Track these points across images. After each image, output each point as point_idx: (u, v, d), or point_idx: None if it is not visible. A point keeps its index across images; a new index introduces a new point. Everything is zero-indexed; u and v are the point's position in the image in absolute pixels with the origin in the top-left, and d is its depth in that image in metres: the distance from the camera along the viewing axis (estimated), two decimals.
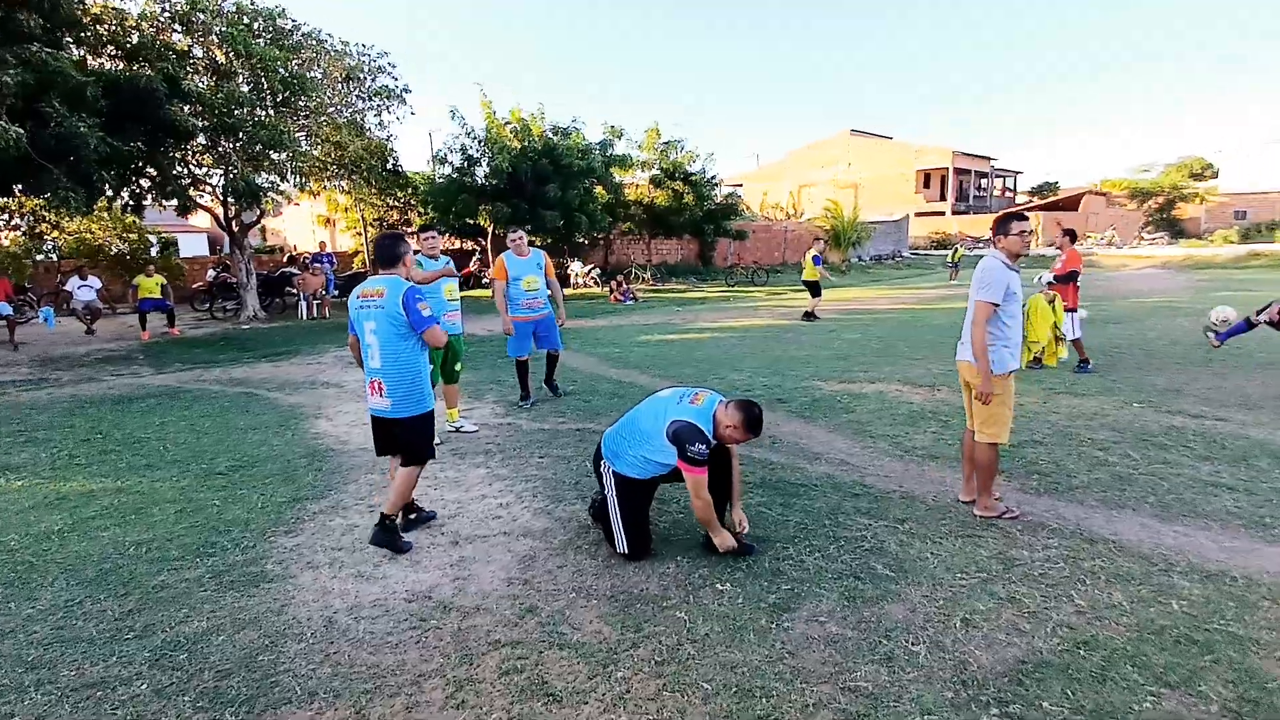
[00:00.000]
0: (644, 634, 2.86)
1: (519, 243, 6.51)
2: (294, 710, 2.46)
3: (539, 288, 6.52)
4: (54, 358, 11.03)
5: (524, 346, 6.64)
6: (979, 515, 3.92)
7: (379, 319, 3.65)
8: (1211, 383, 7.00)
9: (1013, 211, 3.94)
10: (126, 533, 4.01)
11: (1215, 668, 2.58)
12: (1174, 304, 14.33)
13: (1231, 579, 3.19)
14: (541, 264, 6.57)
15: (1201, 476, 4.44)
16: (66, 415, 7.02)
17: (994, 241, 3.92)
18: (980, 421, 3.85)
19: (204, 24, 12.49)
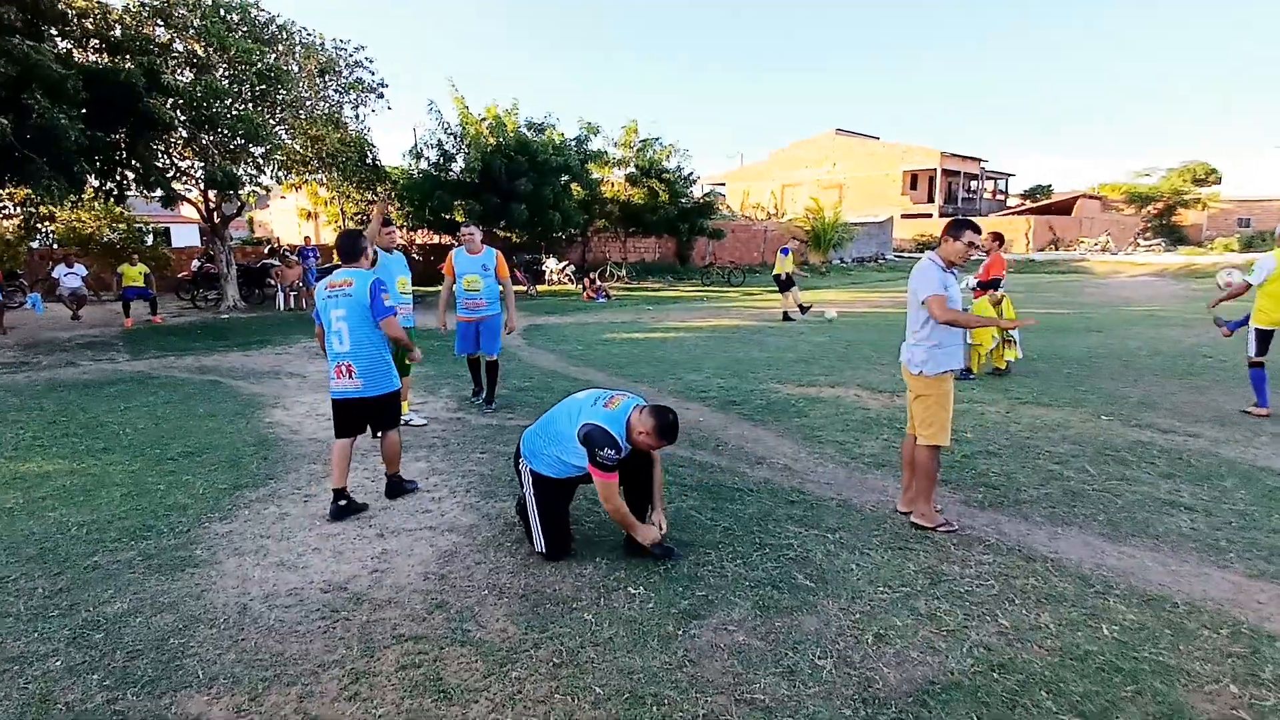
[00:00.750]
0: (548, 634, 2.84)
1: (470, 238, 6.23)
2: (192, 694, 2.50)
3: (480, 288, 6.18)
4: (38, 342, 10.98)
5: (467, 345, 6.44)
6: (916, 524, 3.80)
7: (348, 306, 3.97)
8: (1188, 396, 6.75)
9: (967, 219, 3.88)
10: (72, 514, 4.04)
11: (1136, 699, 2.43)
12: (1162, 313, 13.86)
13: (1172, 604, 3.02)
14: (490, 264, 6.23)
15: (1160, 495, 4.24)
16: (38, 398, 7.02)
17: (941, 243, 3.83)
18: (919, 423, 3.77)
19: (183, 18, 12.43)
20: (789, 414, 6.22)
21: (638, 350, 10.02)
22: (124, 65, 11.05)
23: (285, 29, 14.59)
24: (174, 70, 12.44)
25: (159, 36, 12.70)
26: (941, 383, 3.74)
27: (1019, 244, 40.95)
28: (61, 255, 15.35)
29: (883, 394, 6.96)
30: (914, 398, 3.85)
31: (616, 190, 23.74)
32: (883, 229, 37.11)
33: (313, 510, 4.14)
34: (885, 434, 5.59)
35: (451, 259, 6.25)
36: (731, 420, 6.04)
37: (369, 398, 4.05)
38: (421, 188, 18.71)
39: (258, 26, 13.87)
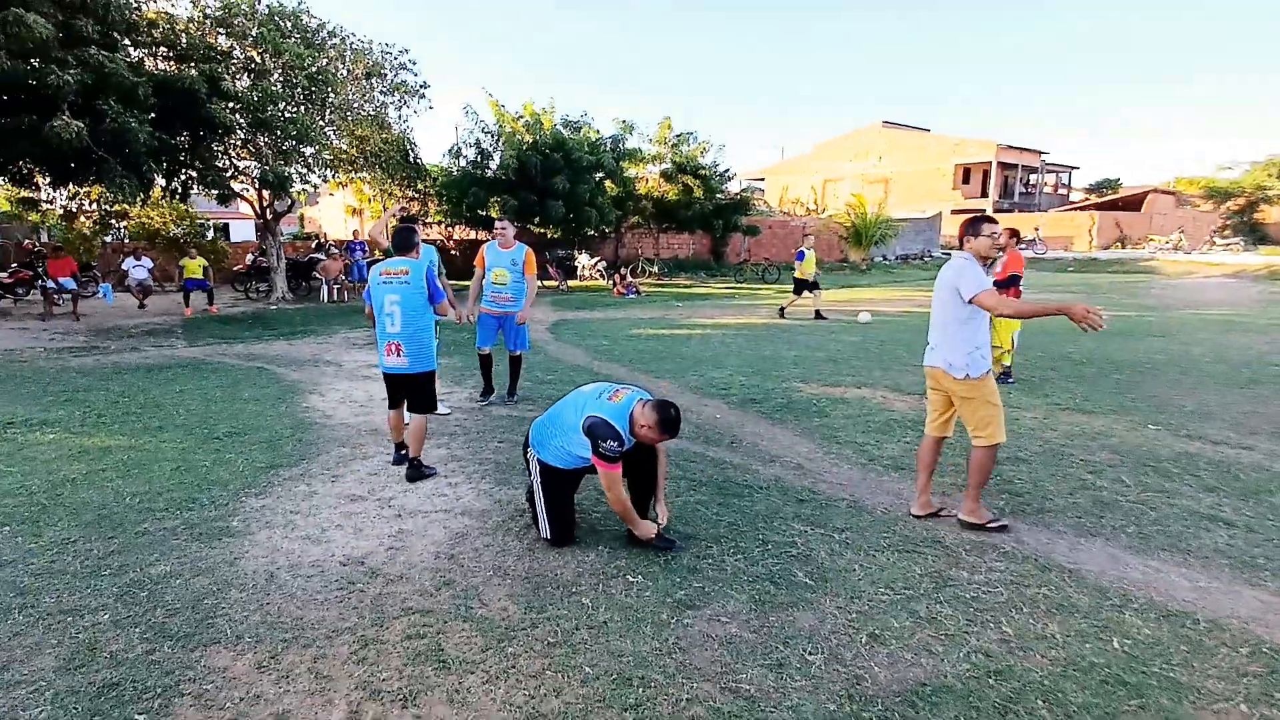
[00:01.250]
0: (545, 615, 2.93)
1: (503, 234, 6.23)
2: (220, 649, 2.73)
3: (507, 283, 6.18)
4: (106, 329, 11.62)
5: (486, 338, 6.40)
6: (965, 521, 3.73)
7: (403, 292, 4.39)
8: (1248, 407, 6.28)
9: (983, 215, 3.84)
10: (128, 485, 4.37)
11: (1139, 714, 2.34)
12: (1234, 318, 12.83)
13: (1193, 621, 2.88)
14: (520, 261, 6.20)
15: (1199, 509, 4.02)
16: (105, 380, 7.49)
17: (963, 242, 3.77)
18: (973, 426, 3.69)
19: (242, 26, 13.02)
20: (809, 414, 6.13)
21: (663, 346, 9.99)
22: (188, 72, 11.65)
23: (335, 34, 15.11)
24: (233, 76, 13.03)
25: (220, 44, 13.32)
26: (987, 382, 3.69)
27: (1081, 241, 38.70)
28: (131, 249, 16.19)
29: (910, 396, 6.74)
30: (960, 401, 3.75)
31: (651, 187, 23.50)
32: (930, 225, 34.92)
33: (339, 490, 4.39)
34: (908, 437, 5.43)
35: (483, 252, 6.30)
36: (749, 418, 6.01)
37: (412, 374, 4.49)
38: (460, 185, 19.00)
39: (308, 32, 14.37)
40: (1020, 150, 44.79)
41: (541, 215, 18.87)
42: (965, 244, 3.78)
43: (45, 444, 5.21)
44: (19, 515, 3.92)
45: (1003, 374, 7.36)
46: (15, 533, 3.71)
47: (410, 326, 4.42)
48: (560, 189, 18.29)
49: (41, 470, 4.63)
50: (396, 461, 4.77)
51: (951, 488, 4.41)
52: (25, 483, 4.40)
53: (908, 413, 6.19)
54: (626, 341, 10.52)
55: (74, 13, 9.99)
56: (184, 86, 11.13)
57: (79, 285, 13.44)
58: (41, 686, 2.50)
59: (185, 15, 13.12)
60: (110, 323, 12.35)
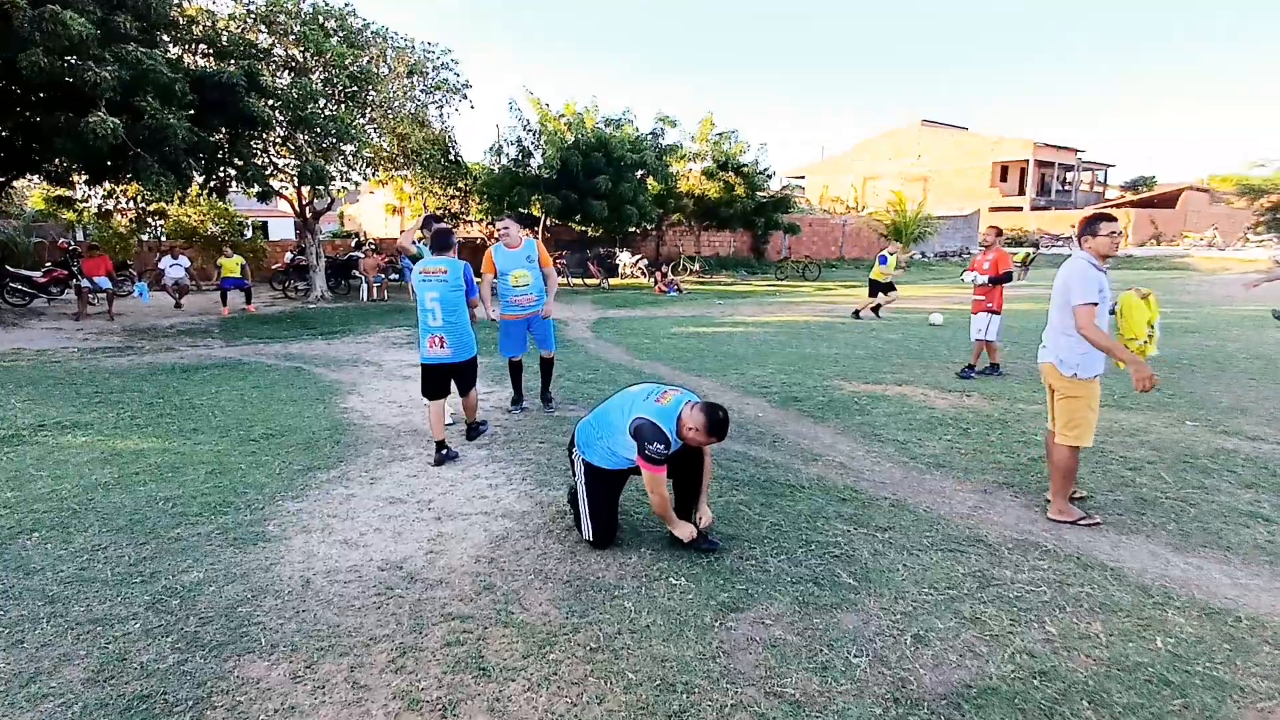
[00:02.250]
0: (588, 620, 2.89)
1: (507, 234, 5.91)
2: (254, 659, 2.64)
3: (530, 282, 5.86)
4: (142, 329, 11.82)
5: (516, 346, 6.07)
6: (1053, 519, 3.80)
7: (442, 290, 4.76)
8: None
9: (1101, 212, 3.84)
10: (161, 489, 4.33)
11: (1184, 713, 2.36)
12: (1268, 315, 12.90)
13: (1235, 619, 2.89)
14: (534, 255, 5.89)
15: (1239, 505, 4.04)
16: (139, 381, 7.54)
17: (1081, 242, 3.77)
18: (1062, 424, 3.77)
19: (284, 24, 13.15)
20: (850, 411, 6.11)
21: (704, 344, 9.98)
22: (227, 68, 11.76)
23: (379, 34, 15.25)
24: (273, 73, 13.18)
25: (261, 42, 13.48)
26: (1093, 385, 3.75)
27: None
28: (167, 247, 16.48)
29: (951, 394, 6.76)
30: (1061, 399, 3.80)
31: (692, 184, 23.70)
32: (969, 222, 35.36)
33: (377, 493, 4.30)
34: (949, 434, 5.44)
35: (490, 256, 5.92)
36: (790, 416, 5.98)
37: (456, 363, 4.89)
38: (501, 183, 19.15)
39: (353, 32, 14.55)
40: (1057, 148, 45.22)
41: (583, 214, 19.00)
42: (1084, 243, 3.76)
43: (77, 447, 5.21)
44: (48, 521, 3.90)
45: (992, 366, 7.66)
46: (45, 539, 3.68)
47: (450, 320, 4.79)
48: (602, 188, 18.41)
49: (73, 474, 4.62)
50: (437, 462, 4.80)
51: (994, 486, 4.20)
52: (56, 487, 4.38)
53: (949, 410, 6.17)
54: (667, 340, 10.48)
55: (113, 9, 10.14)
56: (222, 81, 11.23)
57: (114, 284, 13.64)
58: (70, 699, 2.44)
59: (226, 12, 13.28)
60: (146, 322, 12.56)
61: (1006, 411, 6.10)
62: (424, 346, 4.86)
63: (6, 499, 4.17)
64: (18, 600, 3.04)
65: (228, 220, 18.09)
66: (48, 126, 10.00)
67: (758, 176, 23.49)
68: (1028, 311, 13.26)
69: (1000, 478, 4.52)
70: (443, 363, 4.85)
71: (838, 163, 50.10)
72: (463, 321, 4.86)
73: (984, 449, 5.11)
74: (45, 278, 14.55)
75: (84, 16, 9.30)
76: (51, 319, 12.82)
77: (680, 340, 10.41)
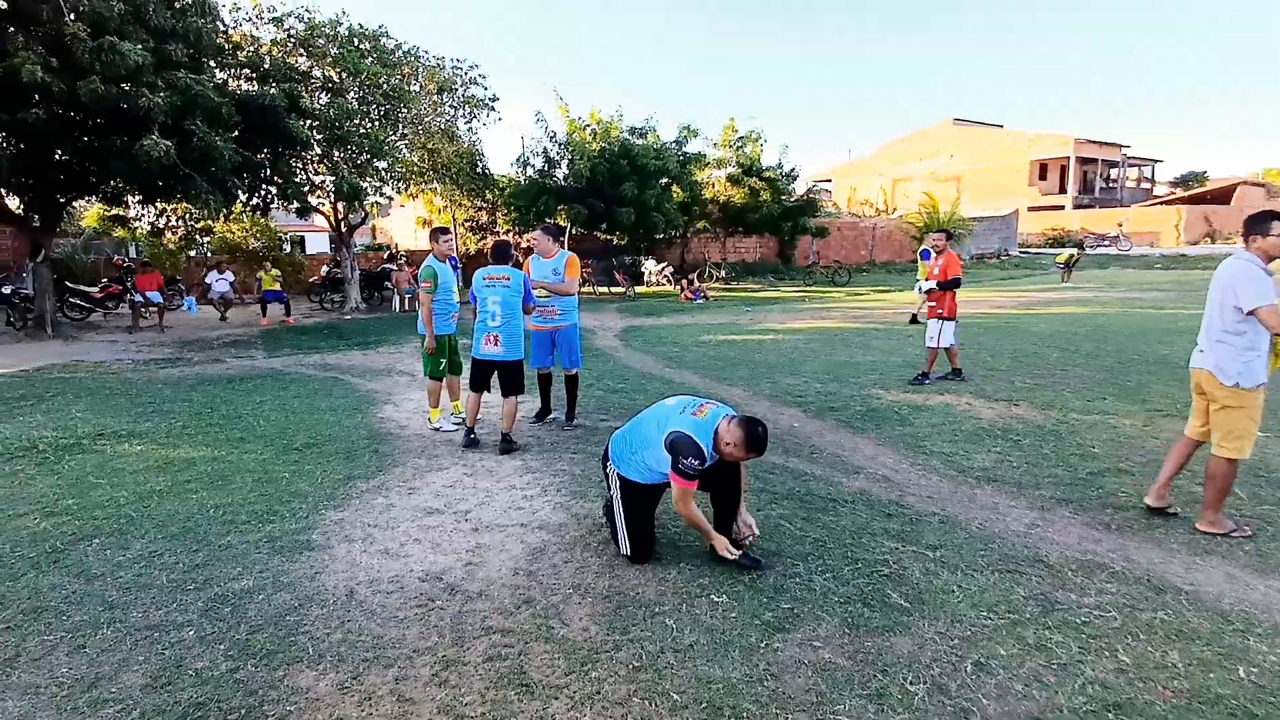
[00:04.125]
0: (629, 637, 2.83)
1: (538, 243, 5.88)
2: (303, 669, 2.68)
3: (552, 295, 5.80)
4: (190, 341, 12.14)
5: (541, 357, 5.99)
6: (1203, 531, 3.65)
7: (504, 294, 5.26)
8: None
9: (1271, 210, 3.65)
10: (211, 496, 4.42)
11: None
12: None
13: None
14: (560, 269, 5.77)
15: None
16: (188, 391, 7.74)
17: (1248, 241, 3.56)
18: (1221, 435, 3.61)
19: (322, 47, 13.53)
20: (891, 422, 5.93)
21: (734, 353, 9.85)
22: (269, 91, 12.13)
23: (411, 54, 15.60)
24: (312, 94, 13.54)
25: (301, 64, 13.88)
26: (1256, 395, 3.56)
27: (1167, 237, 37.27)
28: (214, 262, 16.98)
29: (998, 403, 6.48)
30: (1219, 408, 3.63)
31: (717, 191, 23.59)
32: (1006, 223, 34.39)
33: (415, 503, 4.35)
34: (998, 446, 5.20)
35: (528, 265, 5.93)
36: (828, 427, 5.84)
37: (507, 361, 5.31)
38: (528, 194, 19.31)
39: (386, 52, 14.90)
40: (1100, 144, 43.73)
41: (609, 222, 19.09)
42: (1250, 243, 3.55)
43: (133, 455, 5.36)
44: (107, 527, 4.01)
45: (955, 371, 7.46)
46: (105, 545, 3.78)
47: (509, 322, 5.26)
48: (628, 195, 18.44)
49: (129, 482, 4.75)
50: (467, 445, 5.38)
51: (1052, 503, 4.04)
52: (114, 494, 4.51)
53: (996, 421, 5.93)
54: (697, 348, 10.41)
55: (165, 38, 10.50)
56: (265, 104, 11.58)
57: (165, 298, 14.09)
58: (129, 705, 2.49)
59: (269, 37, 13.70)
60: (194, 335, 12.91)
61: (1059, 422, 5.86)
62: (479, 344, 5.33)
63: (68, 505, 4.30)
64: (79, 605, 3.13)
65: (268, 236, 18.58)
66: (104, 150, 10.38)
67: (782, 180, 23.23)
68: (1076, 316, 12.99)
69: (1058, 493, 4.30)
70: (494, 359, 5.29)
71: (865, 164, 49.17)
72: (518, 326, 5.31)
73: (1037, 462, 4.87)
74: (101, 293, 15.07)
75: (139, 46, 9.67)
76: (107, 332, 13.23)
77: (710, 349, 10.33)
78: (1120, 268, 27.14)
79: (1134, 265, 27.30)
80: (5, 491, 4.58)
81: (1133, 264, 27.66)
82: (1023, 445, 5.25)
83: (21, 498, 4.46)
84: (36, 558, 3.61)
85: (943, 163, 45.32)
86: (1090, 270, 25.79)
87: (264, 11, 14.01)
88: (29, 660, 2.75)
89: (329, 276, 17.70)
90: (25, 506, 4.31)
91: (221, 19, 12.64)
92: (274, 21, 14.04)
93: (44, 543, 3.78)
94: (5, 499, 4.44)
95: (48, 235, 12.61)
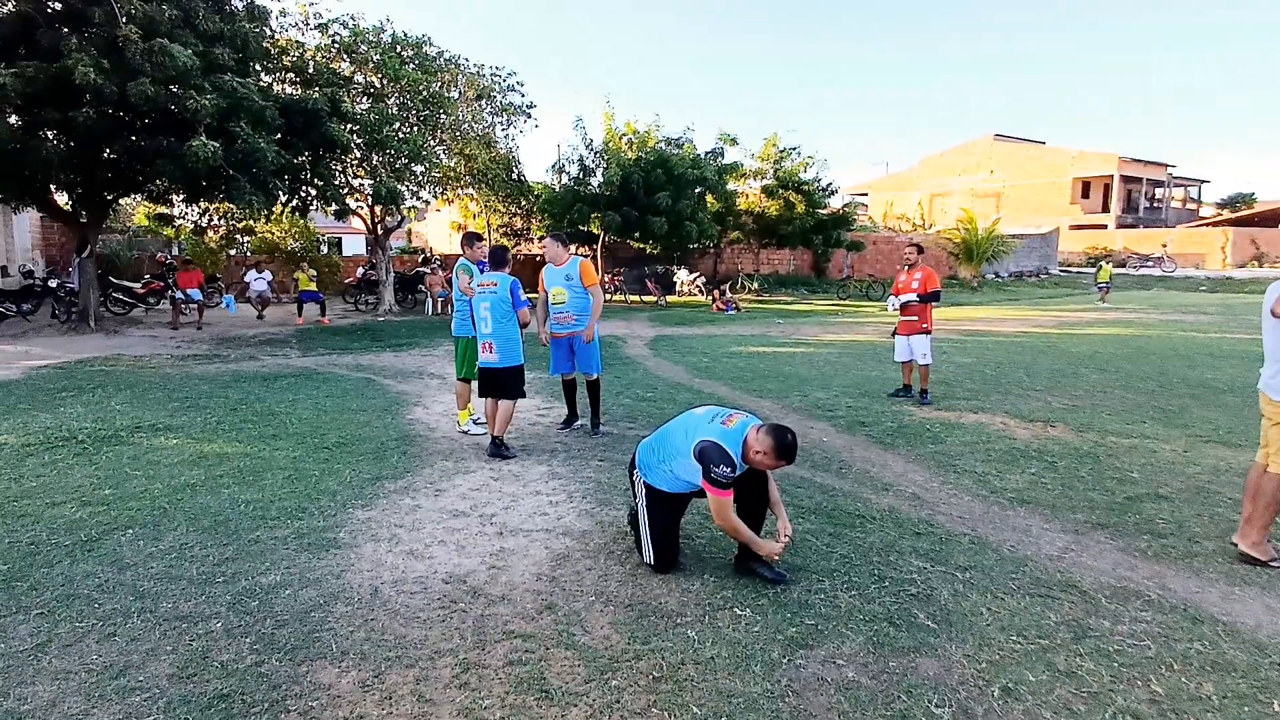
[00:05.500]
0: (650, 647, 2.81)
1: (548, 250, 5.92)
2: (326, 665, 2.70)
3: (565, 300, 5.78)
4: (228, 338, 12.43)
5: (560, 363, 6.01)
6: (1245, 555, 3.57)
7: (492, 301, 5.23)
8: None
9: None
10: (243, 492, 4.50)
11: None
12: None
13: None
14: (574, 274, 5.77)
15: None
16: (224, 388, 7.92)
17: None
18: (1275, 450, 3.54)
19: (364, 54, 13.83)
20: (923, 439, 5.86)
21: (764, 365, 9.81)
22: (312, 95, 12.43)
23: (452, 61, 15.88)
24: (353, 99, 13.84)
25: (343, 70, 14.20)
26: None
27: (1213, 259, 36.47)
28: (252, 262, 17.39)
29: (1034, 423, 6.35)
30: (1271, 425, 3.59)
31: (752, 202, 23.59)
32: (1046, 241, 33.87)
33: (441, 505, 4.37)
34: (1033, 468, 5.10)
35: (543, 274, 6.01)
36: (858, 442, 5.79)
37: (500, 368, 5.28)
38: (562, 201, 19.49)
39: (427, 59, 15.19)
40: (1145, 163, 43.25)
41: (642, 230, 19.16)
42: None
43: (168, 449, 5.48)
44: (140, 519, 4.10)
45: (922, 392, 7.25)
46: (138, 535, 3.86)
47: (499, 328, 5.23)
48: (662, 204, 18.52)
49: (164, 475, 4.86)
50: (491, 454, 5.33)
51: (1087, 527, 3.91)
52: (149, 486, 4.62)
53: (1031, 441, 5.82)
54: (727, 359, 10.37)
55: (213, 42, 10.82)
56: (308, 108, 11.86)
57: (204, 296, 14.44)
58: (156, 694, 2.53)
59: (314, 43, 14.05)
60: (232, 332, 13.21)
61: (1097, 445, 5.73)
62: (479, 352, 5.38)
63: (105, 496, 4.41)
64: (111, 594, 3.20)
65: (307, 237, 18.98)
66: (151, 150, 10.71)
67: (818, 194, 23.16)
68: (1116, 337, 12.67)
69: (1093, 518, 4.20)
70: (490, 366, 5.29)
71: (903, 178, 48.89)
72: (510, 332, 5.27)
73: (1073, 485, 4.78)
74: (144, 289, 15.53)
75: (188, 50, 9.97)
76: (148, 327, 13.61)
77: (740, 360, 10.28)
78: (1164, 289, 26.61)
79: (1178, 287, 26.95)
80: (44, 480, 4.71)
81: (1177, 285, 27.33)
82: (1058, 467, 5.14)
83: (59, 487, 4.59)
84: (71, 546, 3.70)
85: (982, 179, 44.92)
86: (1133, 291, 25.29)
87: (310, 18, 14.39)
88: (60, 646, 2.81)
89: (364, 278, 18.02)
90: (63, 495, 4.43)
91: (269, 25, 12.99)
92: (319, 28, 14.41)
93: (79, 531, 3.88)
94: (43, 488, 4.57)
95: (94, 231, 13.03)
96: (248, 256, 19.59)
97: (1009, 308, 19.71)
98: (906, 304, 7.34)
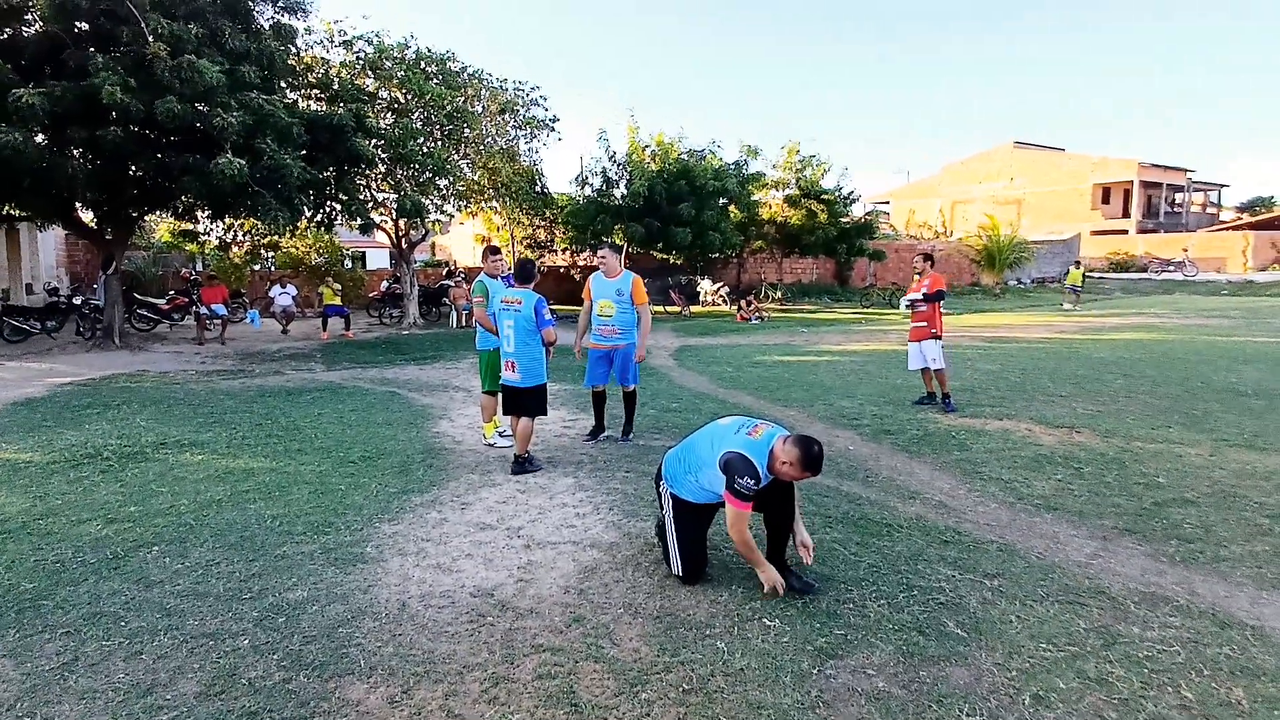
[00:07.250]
0: (679, 659, 2.79)
1: (605, 262, 5.95)
2: (354, 681, 2.67)
3: (612, 314, 5.82)
4: (252, 353, 12.57)
5: (595, 376, 6.02)
6: None
7: (516, 319, 5.14)
8: None
9: None
10: (268, 507, 4.51)
11: None
12: None
13: None
14: (626, 290, 5.82)
15: None
16: (249, 403, 7.97)
17: None
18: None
19: (389, 70, 13.99)
20: (948, 446, 5.82)
21: (789, 374, 9.77)
22: (337, 111, 12.58)
23: (475, 76, 16.05)
24: (378, 114, 14.00)
25: (368, 85, 14.39)
26: None
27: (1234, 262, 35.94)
28: (277, 276, 17.62)
29: (1058, 429, 6.29)
30: None
31: (774, 212, 23.63)
32: (1068, 247, 33.84)
33: (468, 518, 4.35)
34: (1059, 474, 5.07)
35: (589, 283, 6.04)
36: (884, 450, 5.74)
37: (522, 387, 5.18)
38: (586, 213, 19.58)
39: (451, 75, 15.39)
40: (1164, 168, 43.02)
41: (665, 241, 19.22)
42: None
43: (194, 464, 5.52)
44: (167, 535, 4.11)
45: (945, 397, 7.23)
46: (164, 552, 3.87)
47: (521, 348, 5.14)
48: (686, 215, 18.59)
49: (190, 491, 4.88)
50: (514, 471, 5.23)
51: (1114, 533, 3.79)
52: (175, 503, 4.64)
53: (1056, 448, 5.77)
54: (751, 369, 10.33)
55: (239, 60, 10.99)
56: (333, 123, 12.01)
57: (229, 311, 14.61)
58: (183, 713, 2.51)
59: (339, 60, 14.25)
60: (256, 347, 13.36)
61: (1123, 450, 5.65)
62: (502, 369, 5.29)
63: (130, 513, 4.43)
64: (138, 612, 3.20)
65: (331, 251, 19.19)
66: (177, 166, 10.87)
67: (839, 202, 23.20)
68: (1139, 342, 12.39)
69: (1121, 524, 4.16)
70: (513, 385, 5.22)
71: (924, 186, 49.01)
72: (533, 350, 5.17)
73: (1100, 491, 4.73)
74: (169, 305, 15.77)
75: (215, 67, 10.12)
76: (173, 343, 13.82)
77: (765, 369, 10.24)
78: (1186, 293, 26.28)
79: (1200, 291, 26.74)
80: (69, 498, 4.75)
81: (1199, 290, 27.13)
82: (1084, 473, 5.10)
83: (85, 504, 4.62)
84: (97, 563, 3.71)
85: (1003, 185, 44.85)
86: (1154, 295, 25.03)
87: (335, 35, 14.60)
88: (86, 665, 2.80)
89: (388, 292, 18.19)
90: (88, 513, 4.45)
91: (294, 43, 13.17)
92: (344, 45, 14.62)
93: (105, 549, 3.89)
94: (69, 505, 4.61)
95: (119, 248, 13.23)
96: (272, 271, 19.84)
97: (1031, 314, 19.54)
98: (914, 303, 7.38)
